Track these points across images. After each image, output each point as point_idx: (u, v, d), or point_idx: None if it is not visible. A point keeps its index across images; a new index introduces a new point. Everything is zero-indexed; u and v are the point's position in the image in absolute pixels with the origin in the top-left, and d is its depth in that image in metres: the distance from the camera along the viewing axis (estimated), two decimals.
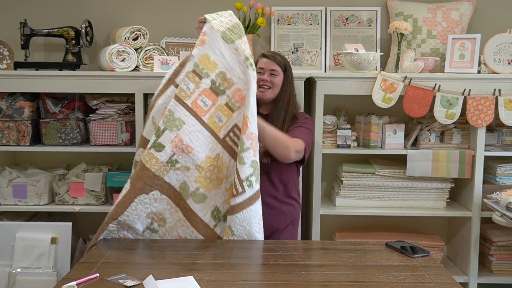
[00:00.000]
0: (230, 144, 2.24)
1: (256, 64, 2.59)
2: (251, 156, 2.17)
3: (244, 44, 2.22)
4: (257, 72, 2.55)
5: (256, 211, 2.19)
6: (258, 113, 2.50)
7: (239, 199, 2.15)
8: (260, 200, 2.22)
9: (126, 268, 1.83)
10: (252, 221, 2.18)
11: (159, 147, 2.15)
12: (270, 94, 2.56)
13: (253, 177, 2.18)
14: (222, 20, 2.26)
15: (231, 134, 2.24)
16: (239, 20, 3.16)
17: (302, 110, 2.81)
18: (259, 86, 2.54)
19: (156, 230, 2.24)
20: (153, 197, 2.19)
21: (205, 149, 2.19)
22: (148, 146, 2.17)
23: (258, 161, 2.21)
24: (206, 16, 2.27)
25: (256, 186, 2.20)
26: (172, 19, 3.34)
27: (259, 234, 2.21)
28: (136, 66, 3.03)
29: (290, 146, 2.37)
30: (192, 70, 2.18)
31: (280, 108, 2.55)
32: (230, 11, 2.34)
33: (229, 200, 2.20)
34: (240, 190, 2.15)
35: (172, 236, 2.24)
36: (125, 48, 2.98)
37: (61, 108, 3.08)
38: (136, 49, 3.03)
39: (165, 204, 2.21)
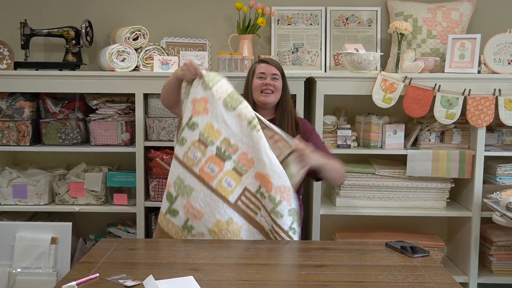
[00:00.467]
0: (243, 208, 2.26)
1: (254, 70, 2.63)
2: (286, 207, 2.21)
3: (245, 108, 2.28)
4: (258, 78, 2.59)
5: None
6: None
7: None
8: None
9: (126, 268, 1.83)
10: None
11: (174, 213, 2.25)
12: (273, 98, 2.58)
13: (294, 223, 2.25)
14: (221, 85, 2.30)
15: (242, 197, 2.26)
16: (239, 20, 3.19)
17: (297, 111, 2.83)
18: (261, 91, 2.57)
19: None
20: None
21: (215, 213, 2.22)
22: (164, 211, 2.27)
23: (295, 207, 2.26)
24: (203, 72, 2.28)
25: (298, 230, 2.29)
26: (172, 19, 3.34)
27: None
28: (136, 66, 3.03)
29: (344, 171, 2.56)
30: (197, 139, 2.25)
31: (288, 112, 2.59)
32: (223, 78, 2.35)
33: None
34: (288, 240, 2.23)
35: None
36: (125, 48, 2.98)
37: (61, 108, 3.08)
38: (136, 49, 3.03)
39: None
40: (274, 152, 2.25)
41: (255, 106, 2.56)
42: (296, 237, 2.25)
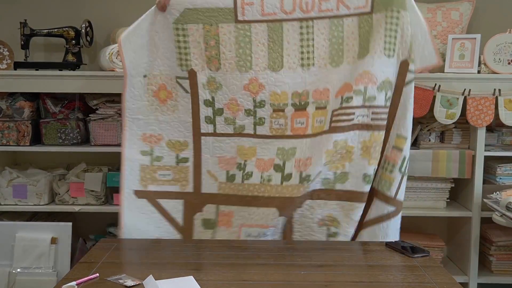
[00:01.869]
0: (340, 125, 2.30)
1: None
2: (373, 88, 2.29)
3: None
4: None
5: None
6: None
7: None
8: None
9: (126, 268, 1.83)
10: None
11: (287, 177, 2.34)
12: None
13: (388, 93, 2.33)
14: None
15: (333, 118, 2.30)
16: None
17: None
18: None
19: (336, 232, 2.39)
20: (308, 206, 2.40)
21: (322, 148, 2.28)
22: (278, 182, 2.36)
23: (384, 79, 2.32)
24: None
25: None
26: None
27: None
28: None
29: None
30: (272, 110, 2.33)
31: None
32: None
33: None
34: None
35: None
36: None
37: (61, 108, 3.08)
38: None
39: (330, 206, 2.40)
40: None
41: None
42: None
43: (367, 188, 2.37)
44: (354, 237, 2.40)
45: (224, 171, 2.39)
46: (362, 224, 2.41)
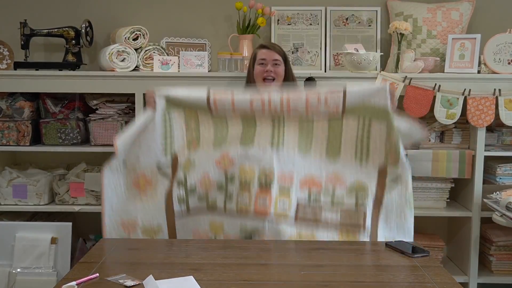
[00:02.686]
0: (306, 220, 2.28)
1: (255, 56, 2.63)
2: (343, 190, 2.28)
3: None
4: (259, 64, 2.60)
5: None
6: None
7: None
8: None
9: (126, 268, 1.83)
10: None
11: None
12: (274, 86, 2.56)
13: (361, 199, 2.27)
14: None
15: (300, 211, 2.28)
16: (239, 20, 3.19)
17: None
18: (263, 79, 2.58)
19: None
20: None
21: (286, 235, 2.24)
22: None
23: (353, 181, 2.29)
24: None
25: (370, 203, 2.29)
26: (172, 19, 3.34)
27: None
28: (136, 66, 3.03)
29: None
30: (239, 188, 2.29)
31: None
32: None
33: None
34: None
35: None
36: (125, 48, 2.98)
37: (61, 108, 3.08)
38: (136, 49, 3.03)
39: None
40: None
41: None
42: (368, 214, 2.22)
43: None
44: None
45: None
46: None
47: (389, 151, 2.24)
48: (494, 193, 2.81)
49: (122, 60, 2.98)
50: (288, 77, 2.62)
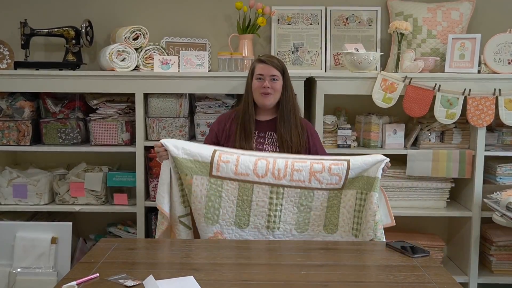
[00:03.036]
0: None
1: (253, 71, 2.59)
2: None
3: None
4: (257, 79, 2.56)
5: None
6: (259, 121, 2.58)
7: None
8: None
9: (126, 268, 1.83)
10: None
11: None
12: (272, 100, 2.56)
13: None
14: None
15: None
16: (239, 20, 3.19)
17: (301, 111, 2.82)
18: (261, 93, 2.55)
19: None
20: None
21: None
22: None
23: None
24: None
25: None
26: (172, 19, 3.34)
27: None
28: (136, 66, 3.03)
29: None
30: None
31: (289, 113, 2.56)
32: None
33: None
34: None
35: None
36: (125, 48, 2.98)
37: (61, 108, 3.08)
38: (136, 49, 3.03)
39: None
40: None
41: (254, 105, 2.59)
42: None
43: None
44: None
45: None
46: None
47: (376, 223, 2.26)
48: (494, 193, 2.81)
49: (122, 60, 2.98)
50: (287, 91, 2.58)
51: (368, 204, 2.27)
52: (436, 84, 2.90)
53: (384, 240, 2.23)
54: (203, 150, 2.35)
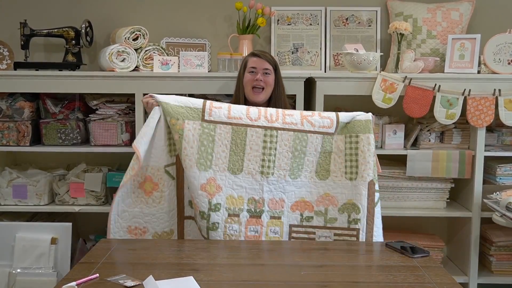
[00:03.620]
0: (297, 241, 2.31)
1: (246, 64, 2.62)
2: (334, 209, 2.31)
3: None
4: (249, 72, 2.59)
5: None
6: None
7: None
8: None
9: (126, 268, 1.83)
10: None
11: None
12: (263, 96, 2.59)
13: (352, 215, 2.29)
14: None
15: (293, 234, 2.31)
16: (239, 20, 3.19)
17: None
18: (252, 87, 2.57)
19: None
20: None
21: None
22: None
23: (346, 201, 2.31)
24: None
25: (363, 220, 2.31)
26: (172, 19, 3.34)
27: None
28: (136, 66, 3.03)
29: None
30: (227, 215, 2.27)
31: (280, 107, 2.54)
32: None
33: None
34: None
35: None
36: (125, 48, 2.98)
37: (61, 108, 3.08)
38: (136, 49, 3.03)
39: None
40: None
41: (245, 101, 2.59)
42: (361, 228, 2.26)
43: None
44: None
45: None
46: None
47: (375, 162, 2.32)
48: (494, 193, 2.81)
49: (122, 60, 2.98)
50: (278, 87, 2.62)
51: (366, 145, 2.29)
52: (436, 84, 2.90)
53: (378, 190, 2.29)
54: (194, 100, 2.33)
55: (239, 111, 2.31)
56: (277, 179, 2.30)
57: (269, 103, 2.63)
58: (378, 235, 2.29)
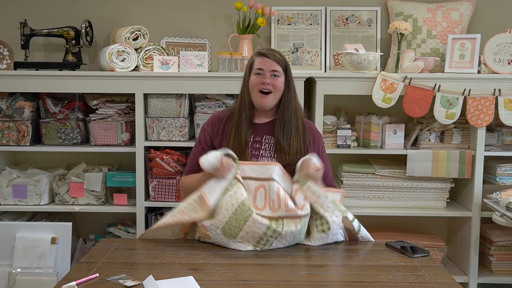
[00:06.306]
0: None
1: (252, 65, 2.28)
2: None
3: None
4: (255, 74, 2.25)
5: None
6: (256, 124, 2.30)
7: None
8: None
9: (126, 268, 1.83)
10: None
11: None
12: (272, 101, 2.24)
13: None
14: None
15: None
16: (239, 20, 3.19)
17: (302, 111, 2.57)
18: (259, 91, 2.23)
19: None
20: None
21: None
22: None
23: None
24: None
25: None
26: (172, 19, 3.34)
27: None
28: (136, 66, 3.03)
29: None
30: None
31: (290, 115, 2.25)
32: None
33: None
34: None
35: None
36: (125, 48, 2.98)
37: (61, 108, 3.08)
38: (136, 49, 3.03)
39: None
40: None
41: (252, 106, 2.28)
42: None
43: None
44: None
45: None
46: None
47: (332, 197, 2.14)
48: (494, 193, 2.82)
49: (122, 60, 2.98)
50: (289, 90, 2.27)
51: (310, 193, 2.09)
52: (436, 84, 2.90)
53: (351, 216, 2.15)
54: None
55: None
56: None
57: (277, 108, 2.29)
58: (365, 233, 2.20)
